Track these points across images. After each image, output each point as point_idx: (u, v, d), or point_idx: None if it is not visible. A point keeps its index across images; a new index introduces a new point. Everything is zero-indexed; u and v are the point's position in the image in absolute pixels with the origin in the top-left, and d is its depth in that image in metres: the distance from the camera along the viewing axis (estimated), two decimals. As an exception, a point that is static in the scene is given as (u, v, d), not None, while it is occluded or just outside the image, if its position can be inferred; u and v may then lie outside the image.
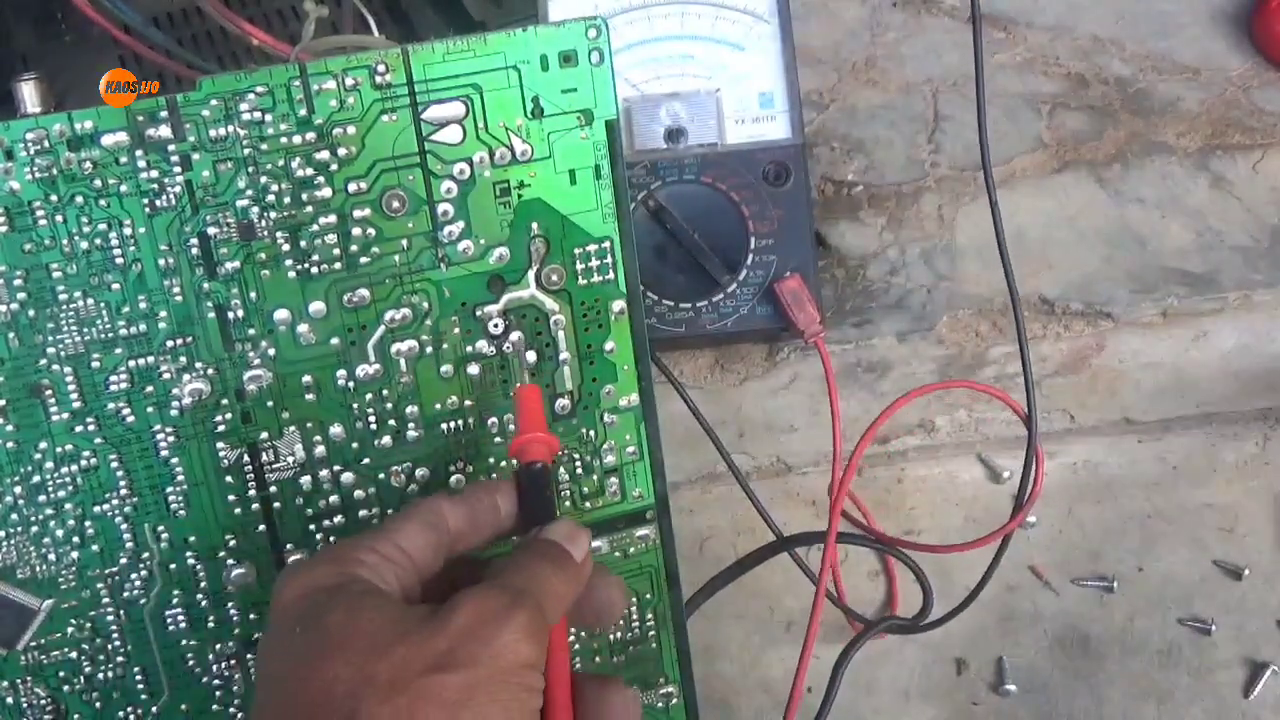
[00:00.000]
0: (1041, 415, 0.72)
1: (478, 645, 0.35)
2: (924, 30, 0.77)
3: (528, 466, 0.41)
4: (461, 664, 0.34)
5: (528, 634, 0.35)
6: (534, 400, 0.43)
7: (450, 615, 0.35)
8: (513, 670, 0.35)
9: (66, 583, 0.44)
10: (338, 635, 0.35)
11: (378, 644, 0.34)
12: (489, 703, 0.34)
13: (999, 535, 0.55)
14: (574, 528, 0.40)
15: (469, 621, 0.35)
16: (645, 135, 0.61)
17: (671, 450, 0.67)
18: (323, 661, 0.34)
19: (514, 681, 0.35)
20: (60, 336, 0.42)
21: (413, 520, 0.39)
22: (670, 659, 0.51)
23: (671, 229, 0.60)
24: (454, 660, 0.34)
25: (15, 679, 0.45)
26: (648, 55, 0.62)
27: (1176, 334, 0.69)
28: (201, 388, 0.43)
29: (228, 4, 0.61)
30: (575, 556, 0.39)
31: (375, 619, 0.35)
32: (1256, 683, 0.66)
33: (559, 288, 0.46)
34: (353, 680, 0.34)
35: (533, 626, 0.36)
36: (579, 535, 0.40)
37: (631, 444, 0.48)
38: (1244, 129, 0.74)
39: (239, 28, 0.53)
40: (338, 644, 0.35)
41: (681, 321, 0.61)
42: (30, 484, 0.43)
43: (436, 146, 0.44)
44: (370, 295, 0.44)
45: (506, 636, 0.35)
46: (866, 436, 0.53)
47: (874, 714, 0.66)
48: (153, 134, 0.41)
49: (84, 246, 0.41)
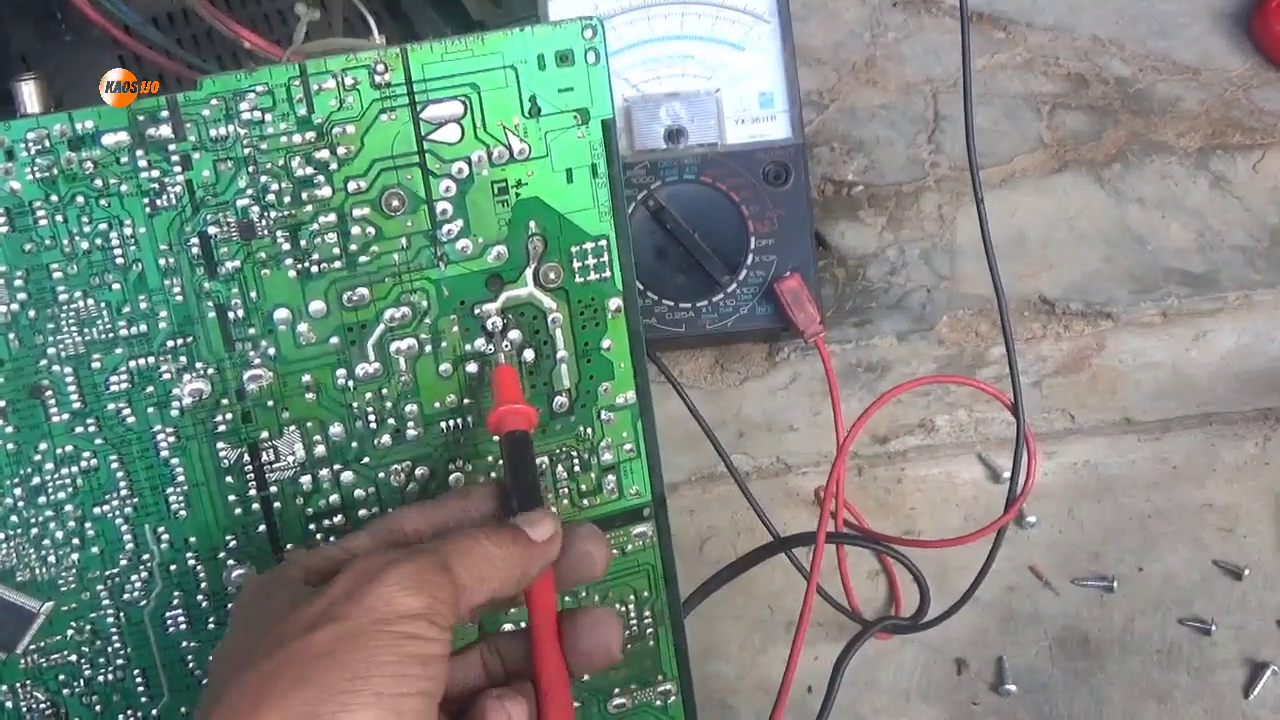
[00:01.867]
0: (1041, 415, 0.72)
1: (350, 603, 0.35)
2: (924, 30, 0.77)
3: (509, 436, 0.42)
4: (331, 620, 0.35)
5: (405, 586, 0.36)
6: (509, 377, 0.44)
7: (333, 580, 0.37)
8: (387, 620, 0.35)
9: (66, 585, 0.44)
10: (241, 617, 0.38)
11: (268, 619, 0.36)
12: (355, 651, 0.34)
13: (992, 529, 0.55)
14: (541, 513, 0.41)
15: (346, 583, 0.36)
16: (645, 135, 0.61)
17: (671, 450, 0.68)
18: (225, 642, 0.38)
19: (388, 630, 0.35)
20: (61, 337, 0.42)
21: (365, 530, 0.41)
22: (668, 656, 0.51)
23: (671, 229, 0.60)
24: (325, 618, 0.35)
25: (15, 683, 0.44)
26: (648, 55, 0.62)
27: (1176, 334, 0.69)
28: (202, 387, 0.43)
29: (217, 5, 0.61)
30: (533, 536, 0.40)
31: (279, 598, 0.37)
32: (1256, 683, 0.66)
33: (556, 286, 0.46)
34: (235, 652, 0.36)
35: (416, 578, 0.36)
36: (542, 519, 0.40)
37: (629, 441, 0.48)
38: (1244, 129, 0.74)
39: (230, 30, 0.53)
40: (239, 625, 0.38)
41: (681, 321, 0.61)
42: (30, 485, 0.43)
43: (435, 146, 0.44)
44: (370, 294, 0.44)
45: (381, 590, 0.35)
46: (852, 433, 0.54)
47: (874, 714, 0.66)
48: (153, 133, 0.41)
49: (84, 246, 0.41)
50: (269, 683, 0.34)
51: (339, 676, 0.34)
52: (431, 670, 0.35)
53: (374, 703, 0.33)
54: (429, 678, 0.35)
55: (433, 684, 0.35)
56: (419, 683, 0.35)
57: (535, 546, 0.40)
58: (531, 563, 0.40)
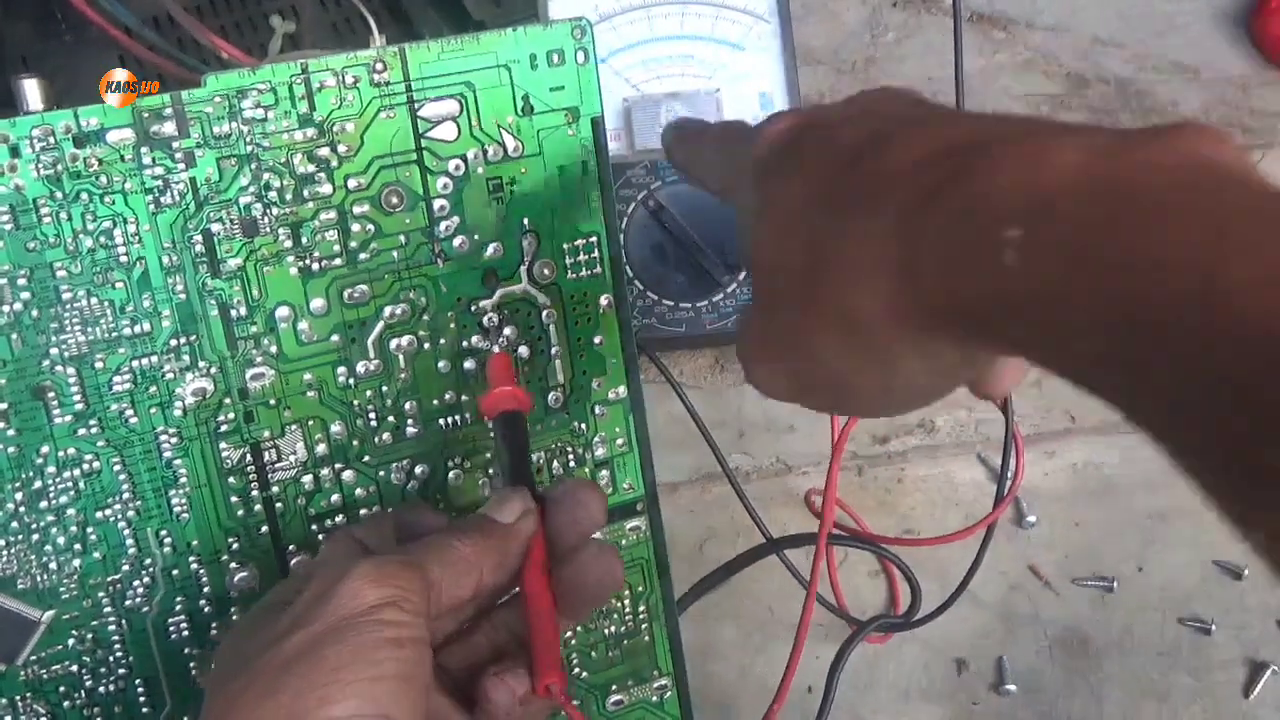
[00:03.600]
0: (1041, 415, 0.72)
1: (317, 607, 0.35)
2: (924, 30, 0.77)
3: (498, 417, 0.43)
4: (300, 627, 0.35)
5: (370, 579, 0.35)
6: (503, 364, 0.44)
7: (298, 597, 0.36)
8: (356, 614, 0.35)
9: (68, 592, 0.44)
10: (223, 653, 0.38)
11: (242, 644, 0.36)
12: (328, 646, 0.34)
13: (981, 526, 0.55)
14: (508, 493, 0.41)
15: (311, 592, 0.36)
16: (645, 135, 0.61)
17: (671, 450, 0.68)
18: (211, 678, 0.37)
19: (361, 621, 0.35)
20: (64, 337, 0.42)
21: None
22: (663, 651, 0.51)
23: (671, 229, 0.60)
24: (294, 627, 0.35)
25: (14, 695, 0.44)
26: (648, 55, 0.62)
27: (1176, 334, 0.69)
28: (205, 386, 0.43)
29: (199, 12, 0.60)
30: (499, 519, 0.40)
31: (254, 623, 0.37)
32: (1256, 683, 0.66)
33: (549, 282, 0.47)
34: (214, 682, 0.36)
35: (380, 571, 0.36)
36: (508, 499, 0.40)
37: (621, 436, 0.49)
38: (1244, 129, 0.74)
39: (206, 39, 0.53)
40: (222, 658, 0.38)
41: (682, 321, 0.61)
42: (32, 489, 0.42)
43: (432, 143, 0.44)
44: (370, 291, 0.44)
45: (347, 587, 0.35)
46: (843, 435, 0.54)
47: (874, 714, 0.66)
48: (157, 130, 0.41)
49: (88, 245, 0.41)
50: (238, 698, 0.34)
51: (314, 674, 0.33)
52: (405, 654, 0.35)
53: (352, 691, 0.33)
54: (403, 660, 0.35)
55: (408, 666, 0.35)
56: (393, 665, 0.34)
57: (506, 529, 0.39)
58: (507, 545, 0.39)
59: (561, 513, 0.41)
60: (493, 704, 0.38)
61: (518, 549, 0.40)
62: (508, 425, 0.43)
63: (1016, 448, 0.55)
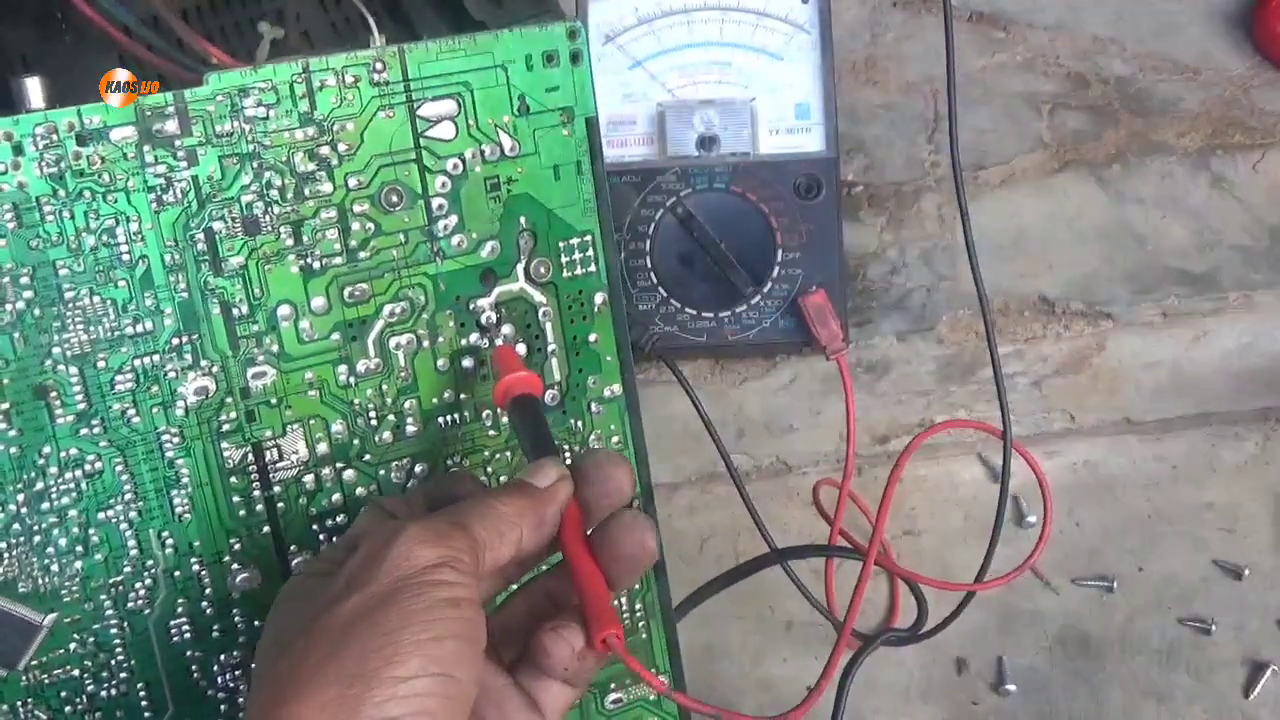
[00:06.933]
0: (1041, 415, 0.72)
1: (370, 569, 0.36)
2: (924, 30, 0.77)
3: (514, 400, 0.43)
4: (355, 589, 0.35)
5: (421, 540, 0.36)
6: (509, 354, 0.45)
7: (348, 561, 0.37)
8: (409, 575, 0.35)
9: (70, 594, 0.43)
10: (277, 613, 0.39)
11: (298, 606, 0.37)
12: (385, 609, 0.34)
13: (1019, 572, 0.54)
14: (544, 461, 0.41)
15: (363, 554, 0.37)
16: (677, 141, 0.61)
17: (672, 450, 0.68)
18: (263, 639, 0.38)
19: (415, 582, 0.35)
20: (66, 335, 0.42)
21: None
22: (660, 649, 0.51)
23: (698, 237, 0.59)
24: (349, 589, 0.35)
25: (15, 701, 0.44)
26: (685, 60, 0.62)
27: (1176, 334, 0.69)
28: (207, 385, 0.43)
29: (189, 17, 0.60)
30: (536, 484, 0.40)
31: (308, 585, 0.38)
32: (1256, 683, 0.66)
33: (546, 280, 0.47)
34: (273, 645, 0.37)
35: (431, 532, 0.36)
36: (544, 465, 0.41)
37: (617, 434, 0.49)
38: (1244, 129, 0.74)
39: (196, 43, 0.53)
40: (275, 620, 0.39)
41: (703, 331, 0.61)
42: (33, 491, 0.42)
43: (430, 142, 0.44)
44: (370, 289, 0.45)
45: (398, 549, 0.36)
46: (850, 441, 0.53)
47: (874, 714, 0.66)
48: (160, 129, 0.41)
49: (91, 243, 0.41)
50: (300, 661, 0.34)
51: (375, 635, 0.34)
52: (464, 613, 0.35)
53: (415, 650, 0.34)
54: (462, 620, 0.35)
55: (467, 627, 0.35)
56: (453, 625, 0.35)
57: (543, 493, 0.40)
58: (544, 508, 0.40)
59: (590, 486, 0.41)
60: (552, 659, 0.39)
61: (555, 511, 0.40)
62: (525, 407, 0.43)
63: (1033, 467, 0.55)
